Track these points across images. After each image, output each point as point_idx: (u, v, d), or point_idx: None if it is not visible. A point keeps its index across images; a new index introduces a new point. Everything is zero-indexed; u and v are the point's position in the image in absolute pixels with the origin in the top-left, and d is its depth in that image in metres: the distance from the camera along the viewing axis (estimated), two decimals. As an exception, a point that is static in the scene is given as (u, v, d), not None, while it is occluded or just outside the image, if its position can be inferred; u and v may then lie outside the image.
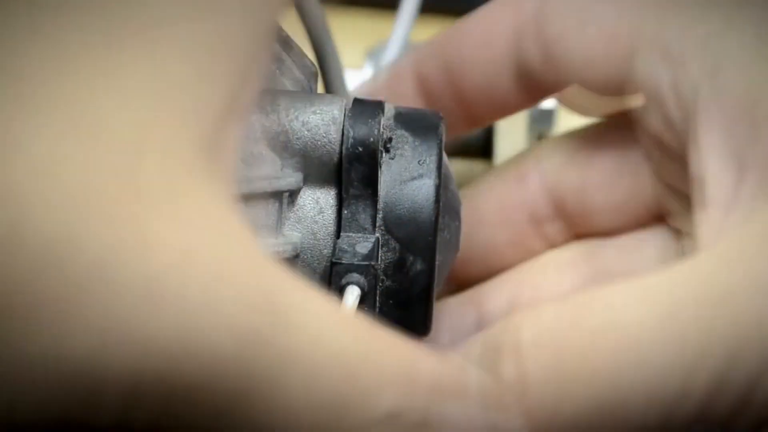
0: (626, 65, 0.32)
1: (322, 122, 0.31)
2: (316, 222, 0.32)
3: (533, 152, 0.39)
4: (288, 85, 0.33)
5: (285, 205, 0.32)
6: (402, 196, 0.32)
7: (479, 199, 0.38)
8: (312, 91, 0.34)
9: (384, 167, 0.32)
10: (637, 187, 0.36)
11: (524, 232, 0.38)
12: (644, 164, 0.36)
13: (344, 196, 0.32)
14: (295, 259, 0.33)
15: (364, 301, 0.31)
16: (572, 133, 0.39)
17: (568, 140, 0.38)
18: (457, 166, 0.55)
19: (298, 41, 0.35)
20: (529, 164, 0.38)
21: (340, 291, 0.31)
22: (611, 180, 0.36)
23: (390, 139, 0.32)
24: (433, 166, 0.32)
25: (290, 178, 0.31)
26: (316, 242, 0.33)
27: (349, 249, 0.31)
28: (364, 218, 0.32)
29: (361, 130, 0.31)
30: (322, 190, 0.32)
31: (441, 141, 0.33)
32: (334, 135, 0.31)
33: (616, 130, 0.37)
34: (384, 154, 0.32)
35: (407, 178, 0.32)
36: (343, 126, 0.32)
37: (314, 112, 0.32)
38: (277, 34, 0.34)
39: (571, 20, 0.33)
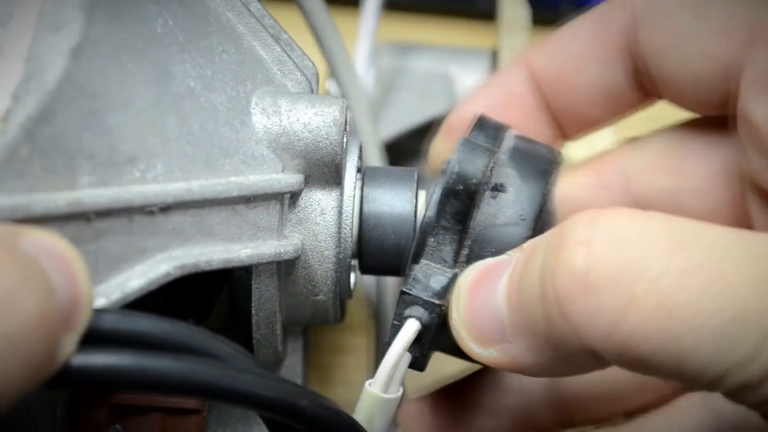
0: (742, 56, 0.32)
1: (323, 124, 0.31)
2: (318, 223, 0.32)
3: (614, 155, 0.37)
4: (290, 86, 0.33)
5: (286, 207, 0.32)
6: (492, 239, 0.31)
7: (555, 206, 0.36)
8: (314, 92, 0.34)
9: (483, 204, 0.31)
10: (730, 194, 0.35)
11: None
12: (736, 171, 0.35)
13: (435, 224, 0.31)
14: (296, 261, 0.33)
15: (423, 336, 0.30)
16: (655, 134, 0.37)
17: (652, 142, 0.37)
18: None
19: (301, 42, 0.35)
20: (610, 168, 0.37)
21: (402, 319, 0.30)
22: (706, 186, 0.35)
23: (502, 186, 0.31)
24: (530, 217, 0.31)
25: (291, 179, 0.31)
26: (317, 243, 0.33)
27: (423, 280, 0.30)
28: (447, 251, 0.31)
29: (467, 169, 0.31)
30: (323, 192, 0.32)
31: (547, 190, 0.31)
32: (336, 136, 0.31)
33: (704, 133, 0.36)
34: (487, 191, 0.31)
35: (502, 222, 0.31)
36: (453, 157, 0.31)
37: (316, 114, 0.31)
38: (279, 35, 0.34)
39: (684, 15, 0.33)
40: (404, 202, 0.34)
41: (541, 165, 0.32)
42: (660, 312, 0.24)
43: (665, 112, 0.36)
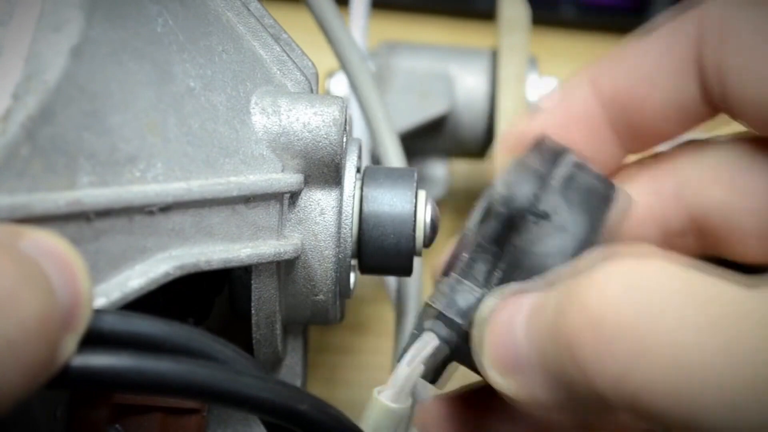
0: None
1: (323, 123, 0.31)
2: (317, 223, 0.32)
3: (670, 159, 0.35)
4: (289, 86, 0.33)
5: (286, 207, 0.32)
6: (527, 266, 0.30)
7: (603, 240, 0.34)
8: (313, 92, 0.34)
9: (524, 230, 0.30)
10: None
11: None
12: None
13: (473, 238, 0.30)
14: (296, 261, 0.33)
15: (440, 350, 0.29)
16: (715, 142, 0.35)
17: (712, 151, 0.35)
18: (457, 166, 0.55)
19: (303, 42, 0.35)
20: (665, 173, 0.35)
21: (421, 330, 0.29)
22: (763, 207, 0.33)
23: (547, 214, 0.30)
24: (568, 252, 0.30)
25: (291, 179, 0.31)
26: (317, 243, 0.33)
27: (449, 295, 0.29)
28: (479, 271, 0.30)
29: (513, 191, 0.30)
30: (323, 192, 0.32)
31: (592, 228, 0.30)
32: (335, 136, 0.31)
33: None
34: (531, 217, 0.30)
35: (540, 252, 0.30)
36: (502, 177, 0.30)
37: (315, 114, 0.31)
38: (279, 35, 0.34)
39: (755, 37, 0.32)
40: (404, 202, 0.34)
41: (593, 200, 0.31)
42: (672, 369, 0.23)
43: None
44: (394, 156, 0.42)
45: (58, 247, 0.23)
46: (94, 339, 0.24)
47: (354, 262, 0.35)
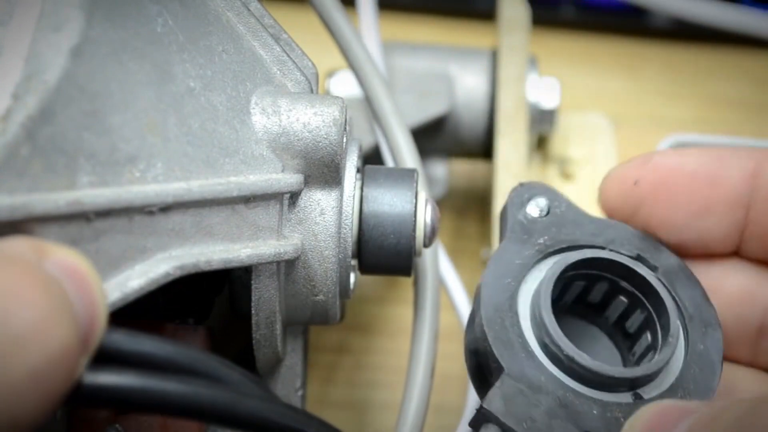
0: None
1: (323, 124, 0.31)
2: (317, 223, 0.32)
3: None
4: (289, 86, 0.33)
5: (286, 207, 0.32)
6: None
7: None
8: (313, 92, 0.34)
9: None
10: None
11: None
12: None
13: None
14: (296, 261, 0.33)
15: None
16: None
17: None
18: (457, 167, 0.55)
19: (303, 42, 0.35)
20: None
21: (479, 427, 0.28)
22: None
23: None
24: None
25: (291, 179, 0.31)
26: (317, 243, 0.33)
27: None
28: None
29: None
30: (323, 192, 0.32)
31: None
32: (335, 136, 0.31)
33: None
34: None
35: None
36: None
37: (315, 114, 0.31)
38: (279, 35, 0.34)
39: None
40: (404, 202, 0.34)
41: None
42: None
43: (661, 112, 0.36)
44: (407, 153, 0.41)
45: (79, 267, 0.23)
46: (101, 357, 0.24)
47: (354, 262, 0.35)
